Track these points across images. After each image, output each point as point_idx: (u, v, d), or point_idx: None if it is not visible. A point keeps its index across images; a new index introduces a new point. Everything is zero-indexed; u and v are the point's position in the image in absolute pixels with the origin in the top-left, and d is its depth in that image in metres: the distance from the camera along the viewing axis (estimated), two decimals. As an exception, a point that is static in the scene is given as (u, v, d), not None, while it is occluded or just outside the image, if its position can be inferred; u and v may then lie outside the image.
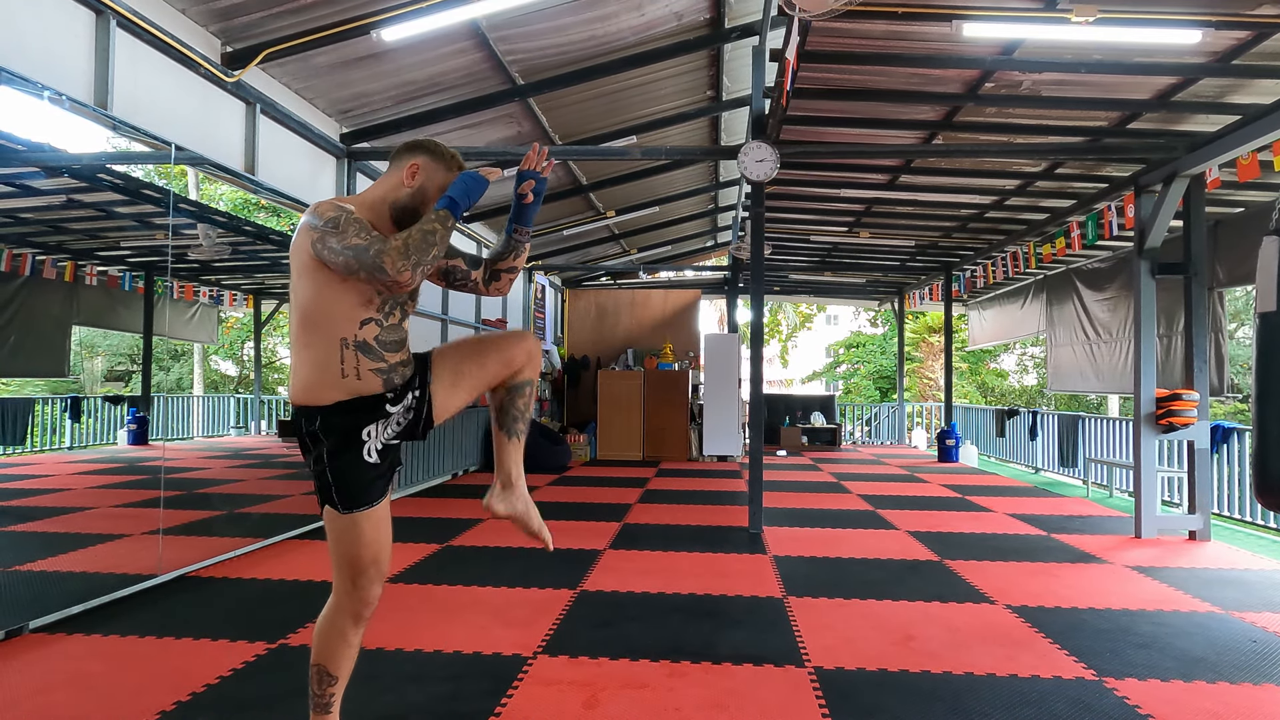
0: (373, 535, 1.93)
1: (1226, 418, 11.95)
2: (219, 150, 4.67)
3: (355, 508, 1.89)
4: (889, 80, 5.51)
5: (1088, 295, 9.47)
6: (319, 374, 1.84)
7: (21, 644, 3.12)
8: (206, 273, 9.40)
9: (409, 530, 5.51)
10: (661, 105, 7.10)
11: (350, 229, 1.79)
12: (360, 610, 2.02)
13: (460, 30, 5.13)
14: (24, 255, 7.19)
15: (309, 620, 3.44)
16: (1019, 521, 6.16)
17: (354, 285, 1.83)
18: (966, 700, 2.67)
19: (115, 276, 8.38)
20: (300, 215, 2.01)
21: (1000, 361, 23.98)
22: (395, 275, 1.76)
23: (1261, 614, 3.73)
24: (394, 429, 1.95)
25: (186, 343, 14.33)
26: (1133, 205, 5.92)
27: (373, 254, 1.76)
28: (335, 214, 1.81)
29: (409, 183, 1.95)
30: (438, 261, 1.95)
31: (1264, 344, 2.27)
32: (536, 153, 1.99)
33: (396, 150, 2.00)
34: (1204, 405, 5.61)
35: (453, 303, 8.59)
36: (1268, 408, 2.24)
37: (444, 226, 1.84)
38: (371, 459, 1.90)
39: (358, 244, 1.77)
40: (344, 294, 1.83)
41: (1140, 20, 4.33)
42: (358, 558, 1.93)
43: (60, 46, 3.60)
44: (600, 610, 3.68)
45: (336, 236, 1.78)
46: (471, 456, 8.98)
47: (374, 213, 1.93)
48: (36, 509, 6.01)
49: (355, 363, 1.85)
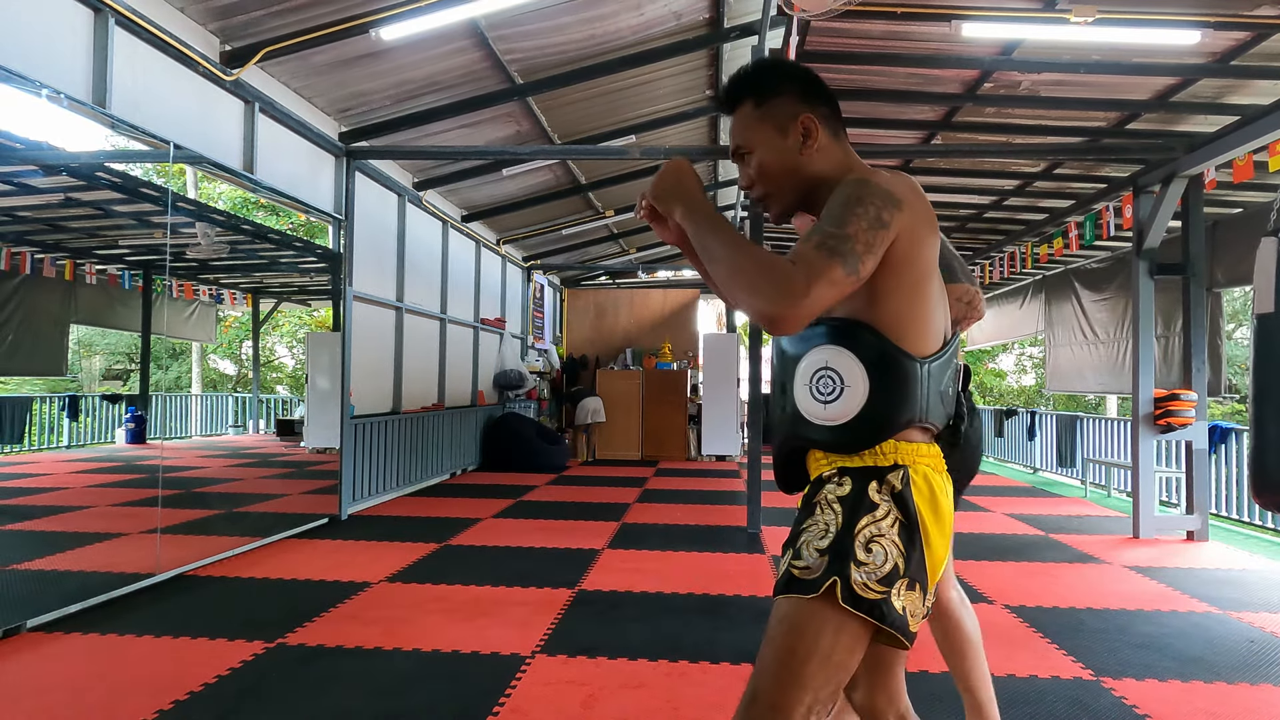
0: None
1: (1224, 418, 11.96)
2: (218, 149, 4.66)
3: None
4: (888, 80, 5.51)
5: (1086, 295, 9.47)
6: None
7: (19, 643, 3.11)
8: (205, 271, 9.41)
9: (407, 530, 5.51)
10: (661, 105, 7.09)
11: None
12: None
13: (459, 29, 5.13)
14: (23, 253, 7.20)
15: (307, 619, 3.44)
16: (1017, 521, 6.17)
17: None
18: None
19: (114, 275, 8.38)
20: (298, 214, 1.99)
21: (999, 361, 24.00)
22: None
23: (1259, 614, 3.74)
24: None
25: (185, 341, 14.34)
26: (1131, 206, 5.93)
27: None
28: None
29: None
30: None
31: (1262, 345, 2.27)
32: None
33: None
34: (1202, 405, 5.61)
35: (452, 303, 8.59)
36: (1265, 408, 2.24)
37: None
38: None
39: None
40: None
41: (1139, 21, 4.33)
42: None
43: (59, 44, 3.59)
44: (599, 610, 3.68)
45: None
46: (469, 456, 8.97)
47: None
48: (34, 508, 6.01)
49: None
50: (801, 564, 1.23)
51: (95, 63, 3.76)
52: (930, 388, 1.26)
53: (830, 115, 1.34)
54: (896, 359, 1.24)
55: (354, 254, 6.12)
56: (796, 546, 1.25)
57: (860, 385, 1.24)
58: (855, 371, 1.24)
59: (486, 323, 9.77)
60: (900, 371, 1.24)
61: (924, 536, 1.22)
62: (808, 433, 1.30)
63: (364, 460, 6.34)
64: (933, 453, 1.28)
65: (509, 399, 10.22)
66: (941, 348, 1.28)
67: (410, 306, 7.45)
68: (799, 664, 1.17)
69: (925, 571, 1.22)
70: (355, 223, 6.13)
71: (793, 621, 1.19)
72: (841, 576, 1.18)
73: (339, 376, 5.98)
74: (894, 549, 1.20)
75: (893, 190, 1.20)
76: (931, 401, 1.26)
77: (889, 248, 1.19)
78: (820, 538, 1.23)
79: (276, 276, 10.71)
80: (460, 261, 8.90)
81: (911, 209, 1.21)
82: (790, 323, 1.12)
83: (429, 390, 8.13)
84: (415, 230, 7.58)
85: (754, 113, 1.34)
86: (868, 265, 1.16)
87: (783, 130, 1.32)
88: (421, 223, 7.79)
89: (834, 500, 1.25)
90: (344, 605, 3.67)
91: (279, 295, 12.08)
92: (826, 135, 1.33)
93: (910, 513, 1.22)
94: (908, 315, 1.24)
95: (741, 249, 1.16)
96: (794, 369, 1.32)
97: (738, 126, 1.36)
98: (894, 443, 1.25)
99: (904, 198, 1.21)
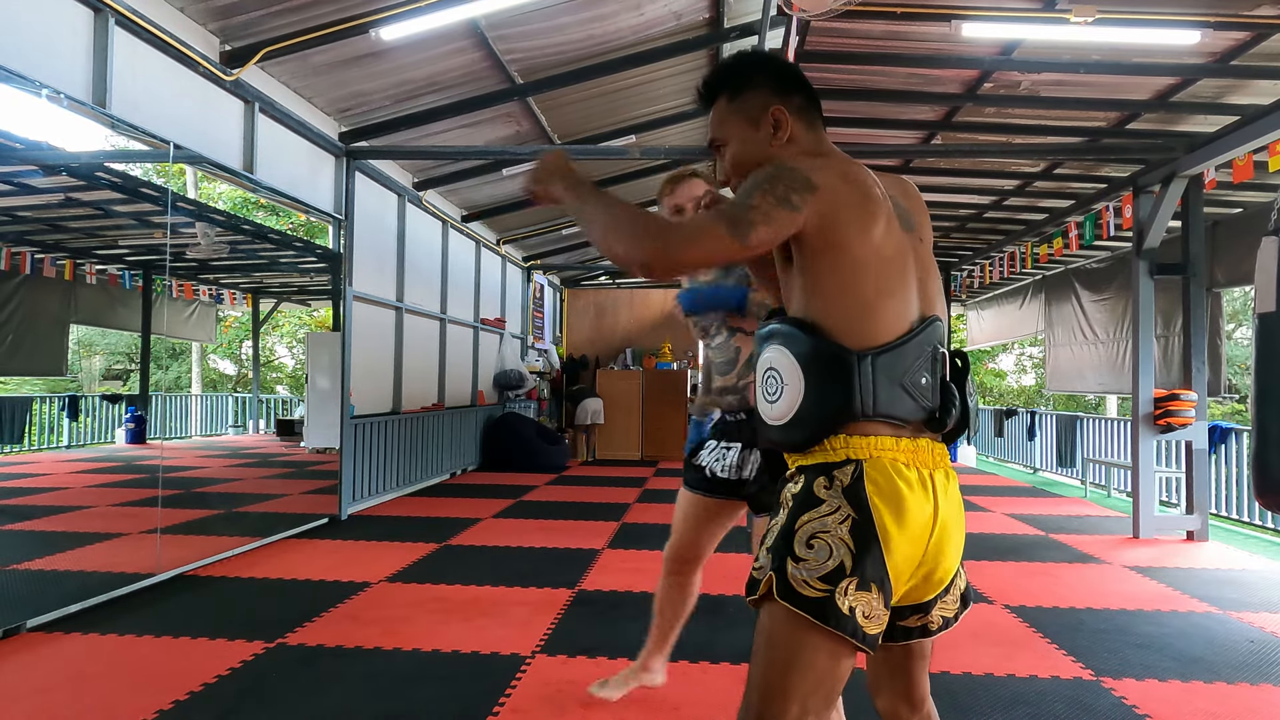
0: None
1: (1224, 418, 11.96)
2: (218, 149, 4.66)
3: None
4: (888, 80, 5.51)
5: (1086, 295, 9.47)
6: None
7: (19, 643, 3.11)
8: (205, 271, 9.41)
9: (407, 530, 5.51)
10: (660, 105, 7.09)
11: None
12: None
13: (459, 29, 5.12)
14: (23, 253, 7.20)
15: (307, 619, 3.44)
16: (1017, 521, 6.17)
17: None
18: (964, 700, 2.67)
19: (114, 275, 8.38)
20: (298, 214, 1.99)
21: (999, 361, 24.00)
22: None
23: (1259, 614, 3.74)
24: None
25: (185, 341, 14.34)
26: (1131, 206, 5.93)
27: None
28: None
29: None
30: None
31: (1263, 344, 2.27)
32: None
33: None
34: (1202, 405, 5.61)
35: (452, 303, 8.59)
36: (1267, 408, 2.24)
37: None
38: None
39: None
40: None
41: (1139, 21, 4.33)
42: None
43: (58, 44, 3.59)
44: (599, 610, 3.68)
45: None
46: (469, 456, 8.97)
47: None
48: (34, 507, 6.01)
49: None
50: (757, 565, 1.24)
51: (95, 63, 3.76)
52: (879, 380, 1.20)
53: (805, 106, 1.35)
54: (829, 354, 1.21)
55: (354, 254, 6.12)
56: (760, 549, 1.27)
57: (796, 383, 1.23)
58: (792, 370, 1.24)
59: (486, 323, 9.76)
60: (833, 366, 1.21)
61: (881, 535, 1.16)
62: (767, 433, 1.31)
63: (364, 460, 6.34)
64: (907, 446, 1.22)
65: (509, 399, 10.22)
66: (902, 335, 1.23)
67: (410, 306, 7.45)
68: (779, 675, 1.16)
69: (885, 572, 1.17)
70: (355, 223, 6.13)
71: (768, 632, 1.19)
72: (778, 571, 1.17)
73: (339, 376, 5.98)
74: (841, 546, 1.16)
75: (812, 176, 1.20)
76: (884, 394, 1.20)
77: (811, 236, 1.20)
78: (769, 535, 1.24)
79: (276, 276, 10.71)
80: (460, 261, 8.90)
81: (833, 195, 1.20)
82: (663, 266, 1.17)
83: (429, 390, 8.13)
84: (415, 230, 7.58)
85: (728, 105, 1.36)
86: (759, 235, 1.17)
87: (754, 122, 1.34)
88: (421, 223, 7.79)
89: (788, 499, 1.25)
90: (344, 605, 3.67)
91: (279, 295, 12.08)
92: (800, 126, 1.33)
93: (864, 509, 1.17)
94: (848, 306, 1.22)
95: (618, 207, 1.23)
96: (755, 370, 1.34)
97: (714, 120, 1.39)
98: (844, 438, 1.21)
99: (824, 184, 1.20)
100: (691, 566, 2.39)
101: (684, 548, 2.37)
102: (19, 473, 7.80)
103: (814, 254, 1.22)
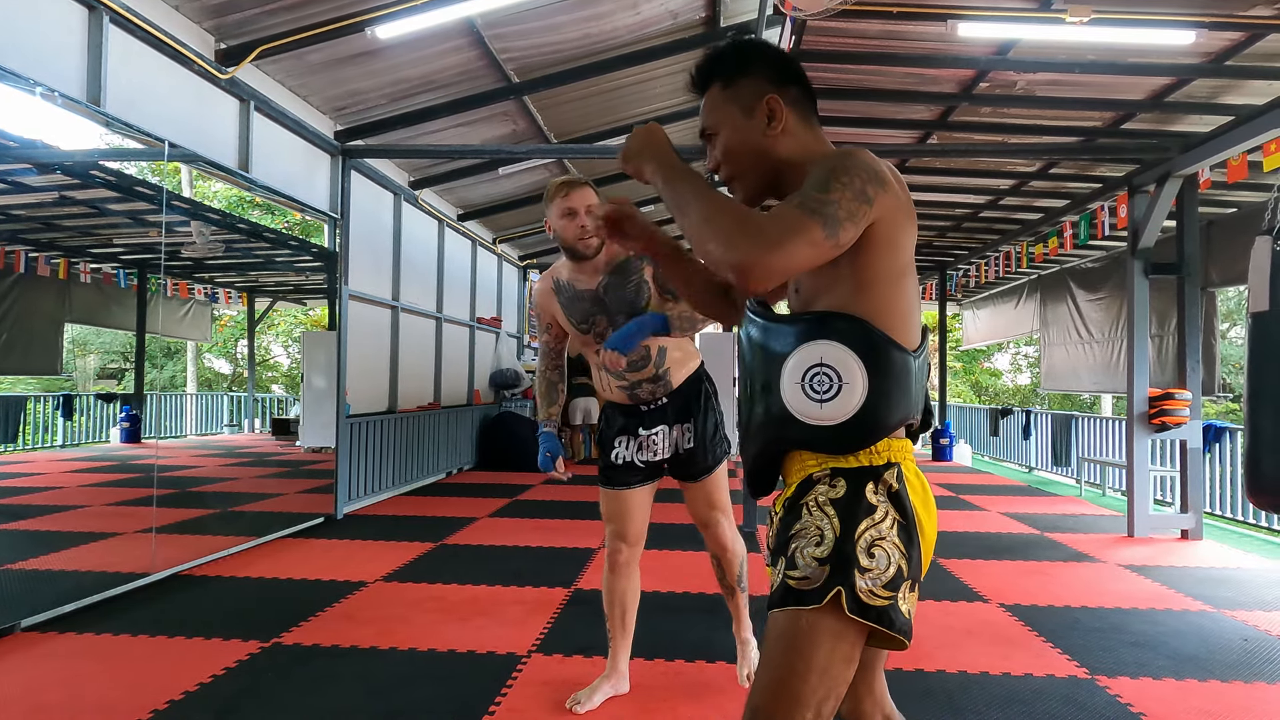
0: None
1: (1218, 417, 11.99)
2: (213, 147, 4.65)
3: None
4: (884, 80, 5.51)
5: (1081, 295, 9.50)
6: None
7: (13, 643, 3.10)
8: (200, 270, 9.38)
9: (403, 529, 5.51)
10: (657, 104, 7.09)
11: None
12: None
13: (455, 28, 5.12)
14: (17, 252, 7.17)
15: (302, 619, 3.44)
16: (1012, 520, 6.18)
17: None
18: (960, 699, 2.68)
19: (109, 274, 8.35)
20: (294, 213, 2.00)
21: (994, 361, 24.06)
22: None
23: (1253, 612, 3.75)
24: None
25: (180, 340, 14.31)
26: (1126, 205, 5.94)
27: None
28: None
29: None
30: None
31: (1256, 344, 2.29)
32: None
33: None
34: (1196, 405, 5.63)
35: (448, 302, 8.58)
36: (1260, 407, 2.25)
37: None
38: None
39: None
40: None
41: (1134, 21, 4.34)
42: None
43: (52, 42, 3.57)
44: (595, 609, 3.67)
45: None
46: (465, 455, 8.97)
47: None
48: (28, 507, 5.99)
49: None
50: (798, 574, 1.16)
51: (90, 60, 3.75)
52: (920, 381, 1.23)
53: (800, 98, 1.30)
54: (892, 353, 1.18)
55: (349, 253, 6.11)
56: (790, 555, 1.18)
57: (859, 382, 1.17)
58: (853, 368, 1.17)
59: (483, 321, 9.76)
60: (898, 366, 1.18)
61: (920, 535, 1.20)
62: (796, 433, 1.22)
63: (359, 459, 6.33)
64: (910, 448, 1.26)
65: (505, 398, 10.21)
66: (923, 340, 1.25)
67: (406, 305, 7.44)
68: (799, 681, 1.12)
69: (920, 570, 1.20)
70: (351, 221, 6.12)
71: (790, 637, 1.14)
72: (846, 585, 1.12)
73: (334, 375, 5.97)
74: (896, 551, 1.16)
75: (879, 169, 1.17)
76: (919, 396, 1.24)
77: (871, 229, 1.15)
78: (816, 545, 1.16)
79: (272, 275, 10.69)
80: (456, 260, 8.89)
81: (895, 193, 1.17)
82: (760, 274, 1.07)
83: (425, 389, 8.12)
84: (411, 229, 7.57)
85: (721, 93, 1.31)
86: (848, 233, 1.11)
87: (748, 111, 1.28)
88: (417, 221, 7.78)
89: (826, 503, 1.18)
90: (340, 604, 3.67)
91: (274, 294, 12.05)
92: (794, 118, 1.29)
93: (907, 512, 1.18)
94: (894, 305, 1.19)
95: (714, 199, 1.13)
96: (780, 367, 1.22)
97: (706, 107, 1.33)
98: (887, 440, 1.20)
99: (889, 179, 1.17)
100: (636, 553, 2.61)
101: (627, 538, 2.56)
102: (13, 472, 7.77)
103: (870, 248, 1.17)
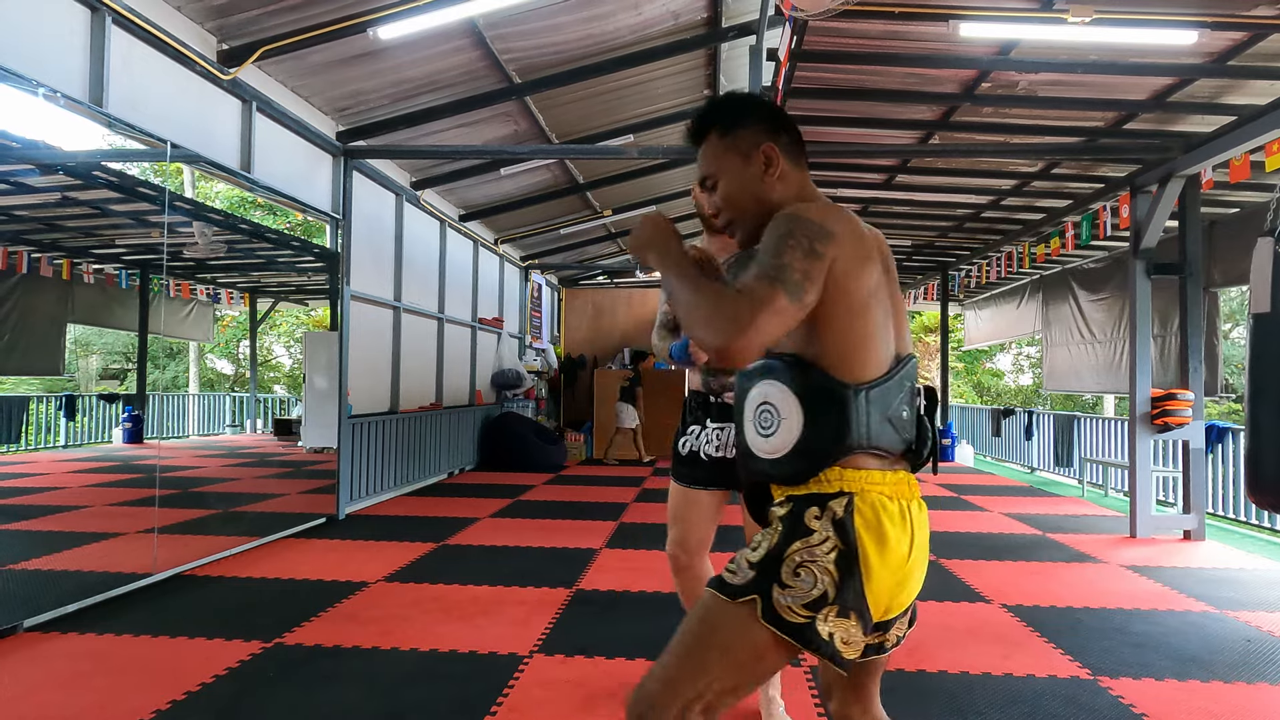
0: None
1: (1221, 418, 11.99)
2: (215, 148, 4.65)
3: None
4: (886, 80, 5.50)
5: (1083, 295, 9.48)
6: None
7: (15, 643, 3.11)
8: (202, 271, 9.39)
9: (405, 529, 5.51)
10: (658, 104, 7.10)
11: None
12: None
13: (457, 28, 5.12)
14: (19, 253, 7.18)
15: (304, 619, 3.44)
16: (1015, 521, 6.18)
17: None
18: (962, 699, 2.67)
19: (111, 274, 8.37)
20: (295, 213, 2.00)
21: (996, 361, 24.03)
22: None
23: (1255, 613, 3.75)
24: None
25: (182, 341, 14.31)
26: (1128, 206, 5.94)
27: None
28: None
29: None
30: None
31: (1258, 344, 2.28)
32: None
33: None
34: (1199, 405, 5.62)
35: (449, 303, 8.58)
36: (1261, 407, 2.25)
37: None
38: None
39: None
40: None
41: (1137, 21, 4.33)
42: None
43: (55, 43, 3.58)
44: (596, 609, 3.68)
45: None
46: (467, 455, 8.97)
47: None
48: (31, 507, 5.99)
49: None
50: (732, 568, 1.28)
51: (92, 61, 3.75)
52: (872, 413, 1.26)
53: (791, 144, 1.40)
54: (829, 389, 1.25)
55: (351, 253, 6.12)
56: (738, 553, 1.31)
57: (795, 417, 1.26)
58: (790, 404, 1.27)
59: (484, 322, 9.76)
60: (833, 401, 1.25)
61: (864, 566, 1.22)
62: (755, 465, 1.33)
63: (361, 460, 6.34)
64: (890, 479, 1.28)
65: (507, 398, 10.21)
66: (887, 372, 1.29)
67: (408, 306, 7.44)
68: (701, 648, 1.24)
69: (864, 601, 1.23)
70: (353, 222, 6.13)
71: (706, 610, 1.26)
72: (763, 595, 1.22)
73: (336, 376, 5.97)
74: (825, 576, 1.21)
75: (824, 223, 1.24)
76: (875, 427, 1.26)
77: (825, 278, 1.23)
78: (753, 550, 1.28)
79: (274, 276, 10.69)
80: (458, 261, 8.90)
81: (841, 241, 1.24)
82: (739, 353, 1.16)
83: (427, 390, 8.12)
84: (413, 229, 7.57)
85: (720, 142, 1.40)
86: (810, 294, 1.20)
87: (746, 158, 1.38)
88: (419, 222, 7.79)
89: (775, 520, 1.29)
90: (342, 605, 3.67)
91: (276, 294, 12.05)
92: (788, 164, 1.39)
93: (850, 540, 1.22)
94: (845, 344, 1.26)
95: (698, 288, 1.22)
96: (743, 405, 1.35)
97: (705, 155, 1.42)
98: (839, 470, 1.26)
99: (834, 229, 1.24)
100: (699, 557, 2.43)
101: (687, 541, 2.40)
102: (16, 472, 7.78)
103: (824, 295, 1.24)
